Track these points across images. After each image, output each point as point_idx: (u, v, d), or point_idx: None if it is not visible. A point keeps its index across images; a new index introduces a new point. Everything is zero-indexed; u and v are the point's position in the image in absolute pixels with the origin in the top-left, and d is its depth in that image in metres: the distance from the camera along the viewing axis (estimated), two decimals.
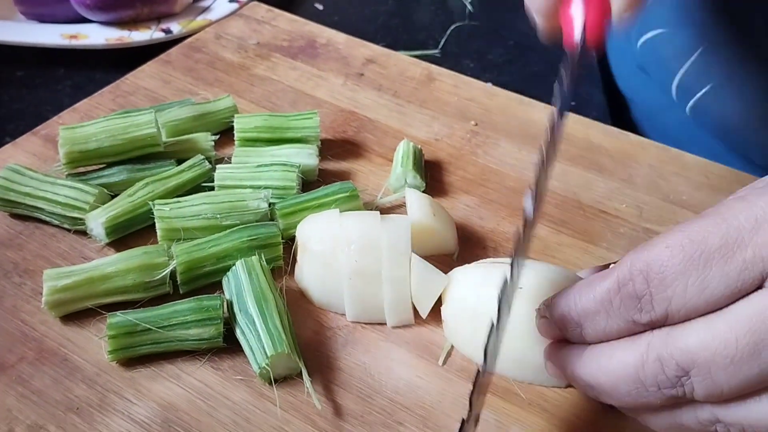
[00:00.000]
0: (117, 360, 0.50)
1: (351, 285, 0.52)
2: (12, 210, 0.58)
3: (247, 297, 0.50)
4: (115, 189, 0.59)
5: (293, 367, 0.49)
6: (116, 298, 0.52)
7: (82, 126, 0.60)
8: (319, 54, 0.78)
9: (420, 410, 0.48)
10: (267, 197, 0.57)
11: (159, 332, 0.49)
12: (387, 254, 0.51)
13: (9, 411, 0.47)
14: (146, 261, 0.53)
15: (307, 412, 0.48)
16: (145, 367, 0.50)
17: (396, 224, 0.53)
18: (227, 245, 0.54)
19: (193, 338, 0.50)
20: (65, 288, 0.51)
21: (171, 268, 0.53)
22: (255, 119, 0.65)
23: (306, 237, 0.54)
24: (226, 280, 0.53)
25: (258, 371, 0.48)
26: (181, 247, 0.54)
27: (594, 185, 0.65)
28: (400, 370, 0.51)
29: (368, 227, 0.52)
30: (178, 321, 0.49)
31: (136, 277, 0.52)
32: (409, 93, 0.74)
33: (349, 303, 0.52)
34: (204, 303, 0.50)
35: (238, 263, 0.52)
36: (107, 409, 0.47)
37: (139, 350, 0.49)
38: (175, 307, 0.50)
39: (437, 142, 0.69)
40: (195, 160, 0.61)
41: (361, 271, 0.51)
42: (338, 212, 0.55)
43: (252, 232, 0.55)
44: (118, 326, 0.49)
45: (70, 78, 0.80)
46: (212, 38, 0.80)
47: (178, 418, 0.47)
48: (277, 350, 0.48)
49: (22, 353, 0.50)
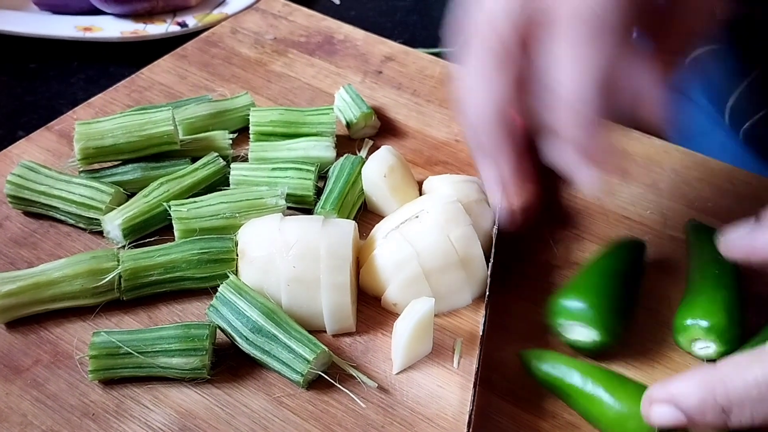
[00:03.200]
0: (98, 380, 0.48)
1: (289, 291, 0.50)
2: (26, 208, 0.58)
3: (252, 316, 0.48)
4: (129, 187, 0.59)
5: (326, 363, 0.49)
6: (65, 304, 0.51)
7: (98, 121, 0.59)
8: (336, 50, 0.77)
9: (442, 421, 0.47)
10: (284, 194, 0.56)
11: (140, 357, 0.47)
12: (326, 260, 0.50)
13: (24, 416, 0.46)
14: (94, 266, 0.51)
15: (328, 421, 0.47)
16: None
17: (337, 229, 0.52)
18: (176, 256, 0.52)
19: (176, 367, 0.47)
20: (10, 293, 0.49)
21: (117, 273, 0.51)
22: (271, 113, 0.64)
23: (245, 242, 0.52)
24: (212, 309, 0.49)
25: (302, 378, 0.47)
26: (129, 253, 0.52)
27: (617, 191, 0.64)
28: (420, 378, 0.50)
29: (308, 232, 0.51)
30: (161, 348, 0.47)
31: (84, 283, 0.50)
32: (428, 92, 0.73)
33: (287, 310, 0.50)
34: (191, 331, 0.48)
35: (222, 288, 0.49)
36: (124, 416, 0.47)
37: (120, 372, 0.47)
38: (161, 332, 0.48)
39: (457, 143, 0.68)
40: (209, 158, 0.60)
41: (300, 278, 0.50)
42: (280, 216, 0.53)
43: (205, 244, 0.52)
44: (100, 346, 0.47)
45: (84, 71, 0.79)
46: (228, 33, 0.79)
47: (195, 426, 0.46)
48: (316, 352, 0.47)
49: (37, 356, 0.49)
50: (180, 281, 0.52)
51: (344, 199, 0.57)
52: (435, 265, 0.52)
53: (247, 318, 0.48)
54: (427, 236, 0.52)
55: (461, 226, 0.53)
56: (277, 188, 0.56)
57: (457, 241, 0.52)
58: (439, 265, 0.52)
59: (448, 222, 0.53)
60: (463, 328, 0.53)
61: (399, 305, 0.52)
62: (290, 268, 0.50)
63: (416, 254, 0.52)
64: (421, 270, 0.52)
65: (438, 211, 0.53)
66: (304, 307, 0.51)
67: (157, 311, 0.53)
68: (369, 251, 0.54)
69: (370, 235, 0.56)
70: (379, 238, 0.54)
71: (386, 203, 0.59)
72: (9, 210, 0.58)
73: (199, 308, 0.53)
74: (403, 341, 0.49)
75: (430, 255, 0.52)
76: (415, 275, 0.52)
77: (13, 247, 0.56)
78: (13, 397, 0.47)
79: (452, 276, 0.53)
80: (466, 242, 0.53)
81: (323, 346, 0.48)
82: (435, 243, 0.52)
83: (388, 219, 0.56)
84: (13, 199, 0.57)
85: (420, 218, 0.53)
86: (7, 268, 0.54)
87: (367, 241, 0.55)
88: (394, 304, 0.53)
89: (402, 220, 0.54)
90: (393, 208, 0.58)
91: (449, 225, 0.53)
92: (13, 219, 0.58)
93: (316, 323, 0.51)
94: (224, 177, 0.59)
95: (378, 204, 0.59)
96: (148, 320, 0.52)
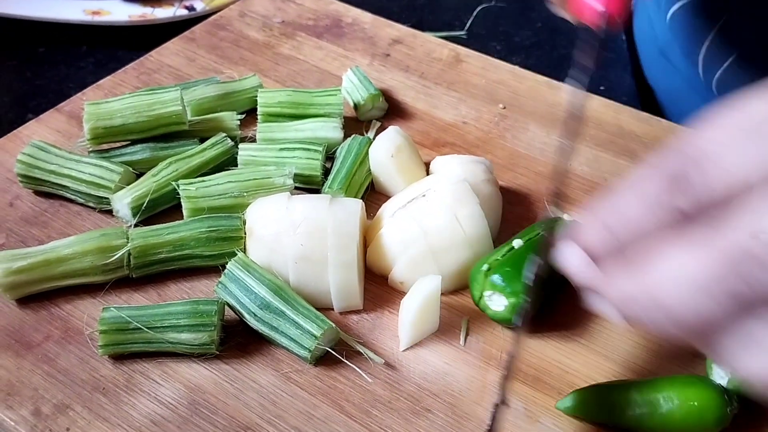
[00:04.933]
0: (108, 355, 0.48)
1: (296, 269, 0.50)
2: (37, 187, 0.58)
3: (260, 293, 0.48)
4: (138, 167, 0.59)
5: (333, 339, 0.49)
6: (75, 281, 0.51)
7: (107, 102, 0.59)
8: (344, 33, 0.77)
9: (448, 397, 0.48)
10: (291, 173, 0.57)
11: (150, 333, 0.47)
12: (333, 238, 0.50)
13: (35, 390, 0.47)
14: (103, 243, 0.51)
15: (335, 397, 0.47)
16: None
17: (344, 207, 0.52)
18: (185, 234, 0.52)
19: (185, 342, 0.47)
20: (20, 270, 0.50)
21: (126, 250, 0.51)
22: (279, 94, 0.64)
23: (253, 221, 0.53)
24: (221, 286, 0.50)
25: (309, 354, 0.47)
26: (138, 231, 0.52)
27: (625, 172, 0.64)
28: (427, 355, 0.50)
29: (315, 211, 0.51)
30: (170, 323, 0.47)
31: (94, 260, 0.51)
32: (436, 74, 0.73)
33: (294, 287, 0.51)
34: (200, 307, 0.48)
35: (230, 265, 0.50)
36: (134, 390, 0.47)
37: (130, 348, 0.48)
38: (170, 308, 0.49)
39: (465, 125, 0.68)
40: (217, 138, 0.60)
41: (307, 256, 0.50)
42: (288, 195, 0.54)
43: (213, 223, 0.53)
44: (110, 322, 0.47)
45: (93, 55, 0.79)
46: (236, 16, 0.79)
47: (204, 400, 0.47)
48: (324, 327, 0.47)
49: (48, 332, 0.50)
50: (188, 259, 0.53)
51: (352, 179, 0.58)
52: (442, 243, 0.52)
53: (255, 294, 0.49)
54: (435, 215, 0.53)
55: (469, 205, 0.53)
56: (285, 168, 0.57)
57: (464, 220, 0.53)
58: (446, 244, 0.52)
59: (455, 201, 0.53)
60: (470, 307, 0.53)
61: (406, 283, 0.53)
62: (298, 246, 0.50)
63: (423, 233, 0.52)
64: (428, 248, 0.52)
65: (445, 190, 0.53)
66: (312, 284, 0.51)
67: (166, 288, 0.53)
68: (376, 230, 0.54)
69: (377, 215, 0.56)
70: (386, 217, 0.54)
71: (393, 183, 0.59)
72: (20, 189, 0.59)
73: (208, 286, 0.53)
74: (409, 319, 0.49)
75: (437, 234, 0.52)
76: (422, 254, 0.52)
77: (24, 225, 0.57)
78: (24, 371, 0.48)
79: (459, 255, 0.53)
80: (473, 221, 0.53)
81: (330, 323, 0.48)
82: (442, 222, 0.52)
83: (396, 198, 0.56)
84: (23, 179, 0.57)
85: (427, 197, 0.53)
86: (18, 247, 0.54)
87: (375, 220, 0.56)
88: (401, 283, 0.53)
89: (409, 199, 0.54)
90: (400, 187, 0.58)
91: (456, 204, 0.53)
92: (23, 198, 0.58)
93: (324, 301, 0.51)
94: (232, 157, 0.60)
95: (385, 184, 0.60)
96: (157, 297, 0.52)
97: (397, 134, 0.60)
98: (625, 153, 0.66)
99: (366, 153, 0.60)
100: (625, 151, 0.66)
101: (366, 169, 0.59)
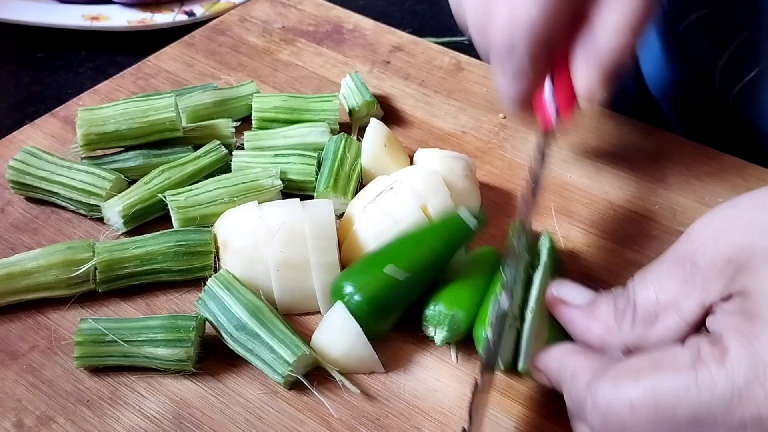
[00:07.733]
0: (84, 367, 0.47)
1: (279, 277, 0.50)
2: (28, 193, 0.58)
3: (237, 313, 0.47)
4: (131, 174, 0.58)
5: (311, 364, 0.48)
6: (40, 295, 0.50)
7: (101, 108, 0.59)
8: (345, 40, 0.76)
9: (439, 415, 0.47)
10: (278, 174, 0.56)
11: (125, 346, 0.46)
12: (313, 241, 0.50)
13: (19, 401, 0.46)
14: (69, 257, 0.50)
15: (323, 413, 0.46)
16: None
17: (318, 209, 0.51)
18: (153, 248, 0.51)
19: (161, 358, 0.46)
20: None
21: (92, 264, 0.50)
22: (274, 99, 0.63)
23: (227, 234, 0.52)
24: (201, 302, 0.49)
25: (282, 380, 0.46)
26: (104, 244, 0.51)
27: (626, 185, 0.63)
28: (418, 371, 0.49)
29: (290, 216, 0.51)
30: (147, 337, 0.46)
31: (59, 273, 0.50)
32: (436, 83, 0.72)
33: (279, 295, 0.50)
34: (178, 322, 0.47)
35: (210, 282, 0.49)
36: (118, 403, 0.46)
37: (105, 360, 0.47)
38: (148, 321, 0.48)
39: (464, 134, 0.67)
40: (211, 146, 0.59)
41: (289, 262, 0.50)
42: (256, 204, 0.53)
43: (181, 237, 0.52)
44: (86, 333, 0.46)
45: (92, 60, 0.79)
46: (236, 21, 0.78)
47: (189, 415, 0.46)
48: (297, 354, 0.46)
49: (34, 342, 0.49)
50: (156, 273, 0.52)
51: (336, 175, 0.57)
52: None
53: (231, 314, 0.47)
54: (404, 206, 0.52)
55: (438, 195, 0.53)
56: (272, 169, 0.56)
57: (435, 209, 0.52)
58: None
59: (425, 191, 0.53)
60: None
61: None
62: (278, 254, 0.50)
63: (395, 224, 0.52)
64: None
65: (414, 180, 0.53)
66: (296, 290, 0.50)
67: (156, 299, 0.52)
68: (348, 227, 0.54)
69: (346, 211, 0.55)
70: (357, 213, 0.54)
71: (388, 173, 0.58)
72: (11, 195, 0.58)
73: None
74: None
75: (409, 225, 0.52)
76: None
77: (14, 232, 0.56)
78: (8, 382, 0.47)
79: None
80: (444, 211, 0.52)
81: (305, 349, 0.46)
82: (412, 213, 0.52)
83: (363, 193, 0.56)
84: (15, 185, 0.57)
85: (394, 189, 0.53)
86: (8, 254, 0.54)
87: (345, 217, 0.55)
88: None
89: (377, 193, 0.54)
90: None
91: (426, 194, 0.53)
92: (14, 204, 0.58)
93: (310, 305, 0.51)
94: (226, 165, 0.59)
95: (379, 175, 0.59)
96: (146, 308, 0.52)
97: (383, 126, 0.60)
98: (626, 165, 0.64)
99: (346, 147, 0.59)
100: (626, 163, 0.65)
101: (349, 162, 0.59)
